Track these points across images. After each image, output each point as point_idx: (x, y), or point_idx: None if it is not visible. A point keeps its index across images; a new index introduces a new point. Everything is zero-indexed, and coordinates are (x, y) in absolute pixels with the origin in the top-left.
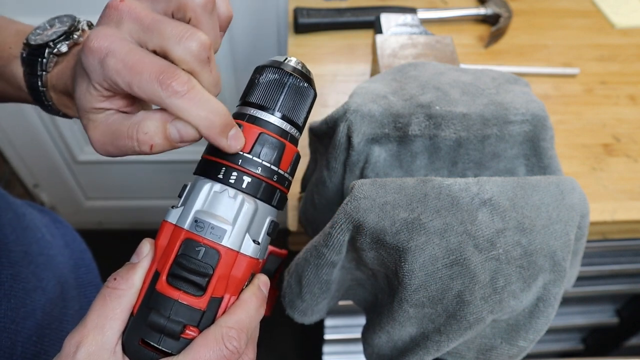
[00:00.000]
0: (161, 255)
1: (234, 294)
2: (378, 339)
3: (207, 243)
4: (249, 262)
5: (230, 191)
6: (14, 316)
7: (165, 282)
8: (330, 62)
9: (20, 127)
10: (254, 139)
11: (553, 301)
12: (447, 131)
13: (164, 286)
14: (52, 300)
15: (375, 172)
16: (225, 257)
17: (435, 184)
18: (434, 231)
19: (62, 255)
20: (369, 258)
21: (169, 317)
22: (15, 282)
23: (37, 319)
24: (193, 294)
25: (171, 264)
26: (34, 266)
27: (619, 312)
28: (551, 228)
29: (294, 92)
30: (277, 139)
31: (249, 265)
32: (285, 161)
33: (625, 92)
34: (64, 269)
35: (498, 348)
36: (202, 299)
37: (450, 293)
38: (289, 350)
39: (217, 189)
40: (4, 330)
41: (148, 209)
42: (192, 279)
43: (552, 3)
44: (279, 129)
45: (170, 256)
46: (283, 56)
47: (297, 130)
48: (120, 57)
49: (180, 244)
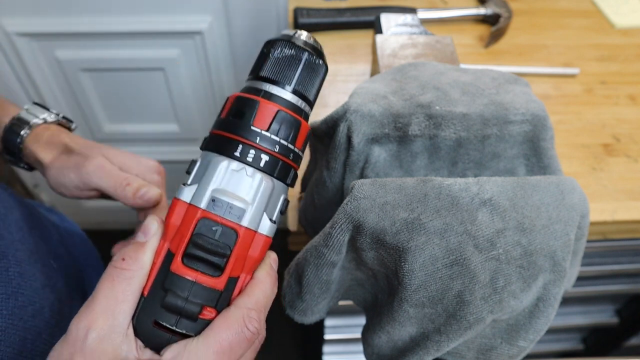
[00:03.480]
0: (174, 234)
1: (249, 274)
2: (378, 339)
3: (224, 223)
4: (265, 241)
5: (248, 169)
6: (22, 314)
7: (181, 263)
8: (330, 62)
9: None
10: (272, 117)
11: (553, 301)
12: (447, 131)
13: (180, 267)
14: (60, 300)
15: (375, 172)
16: (243, 237)
17: (435, 184)
18: (434, 231)
19: (70, 255)
20: (369, 258)
21: (187, 298)
22: (23, 280)
23: (45, 317)
24: (210, 274)
25: (187, 243)
26: (41, 265)
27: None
28: (551, 228)
29: (309, 68)
30: (294, 117)
31: (265, 245)
32: (300, 139)
33: (625, 92)
34: (72, 269)
35: (498, 348)
36: (220, 280)
37: (450, 293)
38: (289, 350)
39: (234, 167)
40: (13, 327)
41: None
42: (209, 259)
43: (552, 3)
44: (293, 106)
45: (186, 236)
46: (292, 30)
47: (309, 107)
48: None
49: (195, 223)
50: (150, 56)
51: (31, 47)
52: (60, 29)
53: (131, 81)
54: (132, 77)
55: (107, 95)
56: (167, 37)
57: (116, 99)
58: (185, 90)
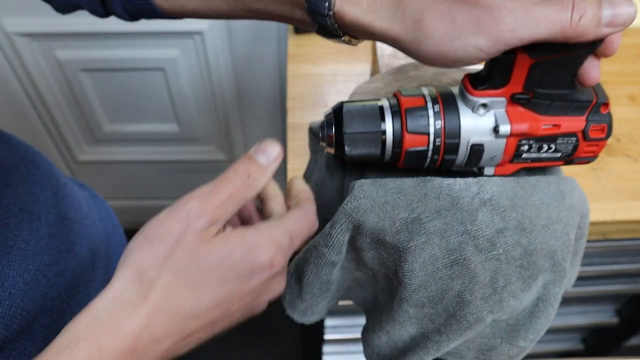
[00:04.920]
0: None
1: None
2: (378, 339)
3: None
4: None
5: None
6: (46, 272)
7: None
8: (330, 62)
9: (20, 127)
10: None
11: (553, 301)
12: None
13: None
14: (82, 265)
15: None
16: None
17: (435, 183)
18: (434, 231)
19: (96, 227)
20: (368, 258)
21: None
22: (51, 241)
23: (67, 279)
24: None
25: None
26: (68, 230)
27: (619, 312)
28: (551, 228)
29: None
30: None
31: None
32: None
33: (625, 92)
34: (97, 240)
35: (498, 348)
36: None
37: (450, 293)
38: (289, 350)
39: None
40: (36, 282)
41: (148, 209)
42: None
43: None
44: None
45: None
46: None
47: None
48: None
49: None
50: (150, 56)
51: (31, 47)
52: (60, 29)
53: (131, 81)
54: (132, 77)
55: (107, 95)
56: (167, 37)
57: (116, 99)
58: (185, 90)
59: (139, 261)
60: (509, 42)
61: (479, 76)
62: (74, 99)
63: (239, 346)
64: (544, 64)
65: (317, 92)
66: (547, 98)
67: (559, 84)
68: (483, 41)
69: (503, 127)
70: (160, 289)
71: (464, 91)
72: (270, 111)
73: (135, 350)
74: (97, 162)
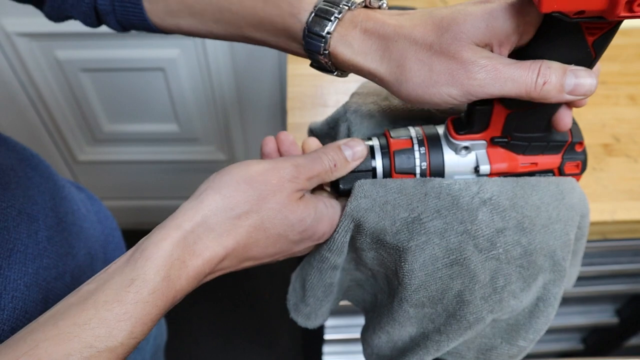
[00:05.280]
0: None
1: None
2: (378, 339)
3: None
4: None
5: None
6: (45, 274)
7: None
8: None
9: (20, 127)
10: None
11: (553, 301)
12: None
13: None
14: (81, 268)
15: None
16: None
17: (435, 183)
18: (434, 231)
19: (94, 229)
20: (368, 258)
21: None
22: (50, 245)
23: (66, 282)
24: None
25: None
26: (67, 233)
27: (619, 312)
28: (551, 228)
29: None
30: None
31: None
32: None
33: (625, 92)
34: (95, 243)
35: (498, 348)
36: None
37: (450, 293)
38: (289, 350)
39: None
40: (37, 285)
41: (148, 209)
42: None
43: None
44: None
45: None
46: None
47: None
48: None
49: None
50: (150, 56)
51: (31, 47)
52: (60, 29)
53: (131, 81)
54: (132, 77)
55: (107, 95)
56: (167, 37)
57: (116, 99)
58: (185, 90)
59: (232, 195)
60: (478, 95)
61: (461, 121)
62: (74, 99)
63: (239, 346)
64: (519, 114)
65: (317, 92)
66: (524, 140)
67: (534, 128)
68: (455, 91)
69: (483, 167)
70: (245, 231)
71: (448, 135)
72: (270, 111)
73: (205, 275)
74: (97, 162)
